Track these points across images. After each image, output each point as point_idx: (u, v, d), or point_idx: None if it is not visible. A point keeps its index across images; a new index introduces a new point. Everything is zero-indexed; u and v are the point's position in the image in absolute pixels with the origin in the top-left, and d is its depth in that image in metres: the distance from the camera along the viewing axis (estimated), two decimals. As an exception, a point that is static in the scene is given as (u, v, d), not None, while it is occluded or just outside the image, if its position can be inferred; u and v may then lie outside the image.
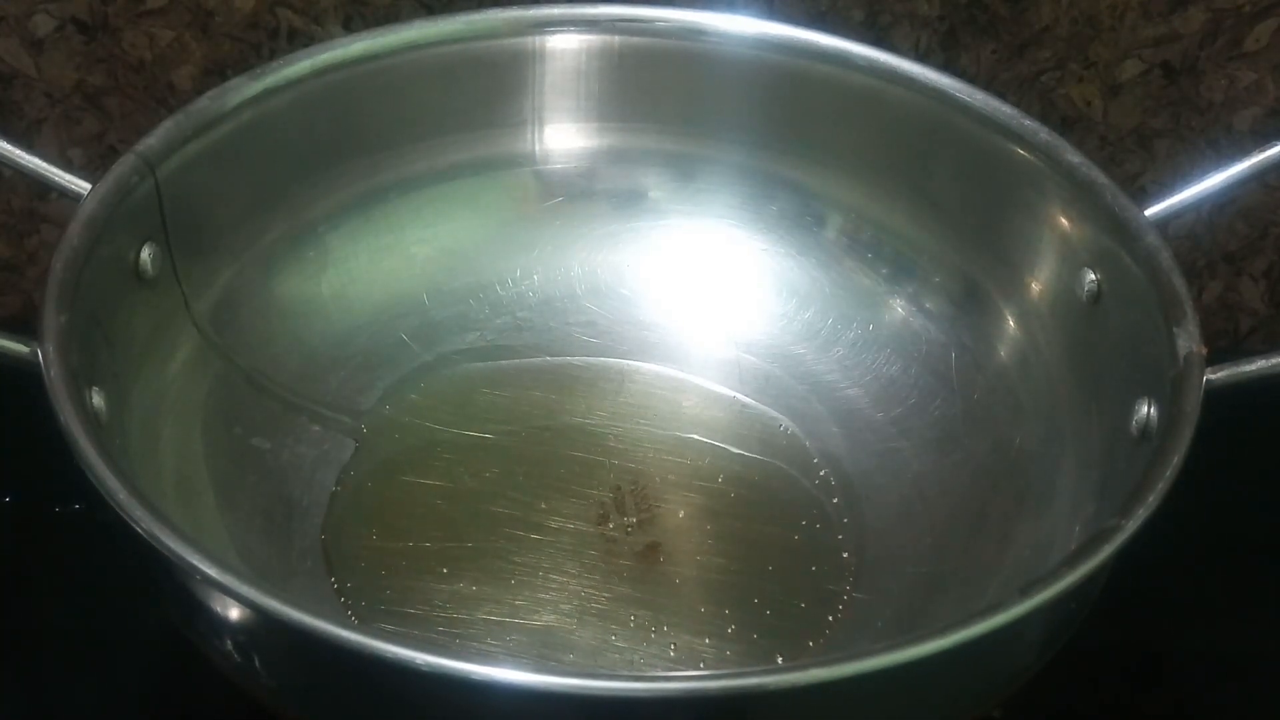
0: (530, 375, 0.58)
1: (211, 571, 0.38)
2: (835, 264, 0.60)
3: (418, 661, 0.36)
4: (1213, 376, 0.45)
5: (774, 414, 0.58)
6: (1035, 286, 0.55)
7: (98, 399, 0.44)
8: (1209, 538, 0.57)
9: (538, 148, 0.60)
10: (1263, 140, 0.53)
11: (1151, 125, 0.65)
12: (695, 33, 0.58)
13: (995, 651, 0.41)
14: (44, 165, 0.50)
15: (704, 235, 0.61)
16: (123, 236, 0.48)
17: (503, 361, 0.59)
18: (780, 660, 0.49)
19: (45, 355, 0.42)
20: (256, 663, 0.41)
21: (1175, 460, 0.42)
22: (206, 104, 0.52)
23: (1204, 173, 0.52)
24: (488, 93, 0.58)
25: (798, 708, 0.38)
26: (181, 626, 0.43)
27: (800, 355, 0.59)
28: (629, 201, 0.61)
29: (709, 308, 0.61)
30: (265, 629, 0.39)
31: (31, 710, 0.51)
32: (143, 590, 0.45)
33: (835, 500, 0.55)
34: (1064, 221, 0.53)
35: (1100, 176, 0.52)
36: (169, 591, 0.42)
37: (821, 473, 0.55)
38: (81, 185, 0.48)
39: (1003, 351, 0.56)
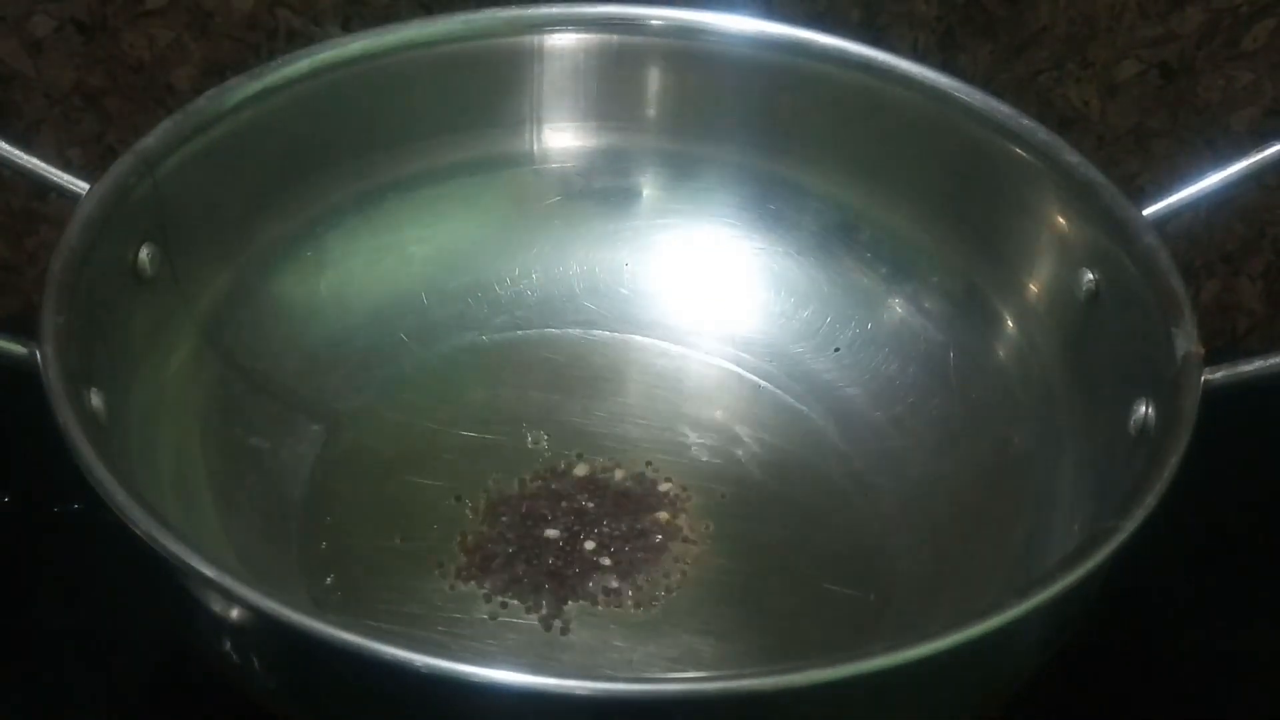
0: (529, 375, 0.58)
1: (210, 573, 0.38)
2: (833, 263, 0.60)
3: (416, 663, 0.36)
4: (1210, 376, 0.46)
5: (772, 413, 0.58)
6: (1033, 286, 0.55)
7: (96, 400, 0.44)
8: (1207, 538, 0.57)
9: (536, 147, 0.60)
10: (1260, 140, 0.53)
11: (1149, 125, 0.65)
12: (693, 32, 0.58)
13: (994, 652, 0.41)
14: (43, 165, 0.50)
15: (702, 234, 0.61)
16: (121, 237, 0.48)
17: (501, 361, 0.59)
18: (780, 660, 0.49)
19: (44, 356, 0.42)
20: (255, 664, 0.41)
21: (1173, 460, 0.42)
22: (205, 104, 0.52)
23: (1201, 173, 0.52)
24: (486, 92, 0.58)
25: (797, 708, 0.38)
26: (180, 628, 0.43)
27: (798, 354, 0.59)
28: (627, 201, 0.61)
29: (707, 307, 0.61)
30: (264, 630, 0.39)
31: (29, 710, 0.51)
32: (141, 591, 0.45)
33: (833, 500, 0.55)
34: (1062, 221, 0.53)
35: (1098, 176, 0.52)
36: (167, 592, 0.42)
37: (820, 472, 0.55)
38: (80, 185, 0.48)
39: (1001, 351, 0.56)
